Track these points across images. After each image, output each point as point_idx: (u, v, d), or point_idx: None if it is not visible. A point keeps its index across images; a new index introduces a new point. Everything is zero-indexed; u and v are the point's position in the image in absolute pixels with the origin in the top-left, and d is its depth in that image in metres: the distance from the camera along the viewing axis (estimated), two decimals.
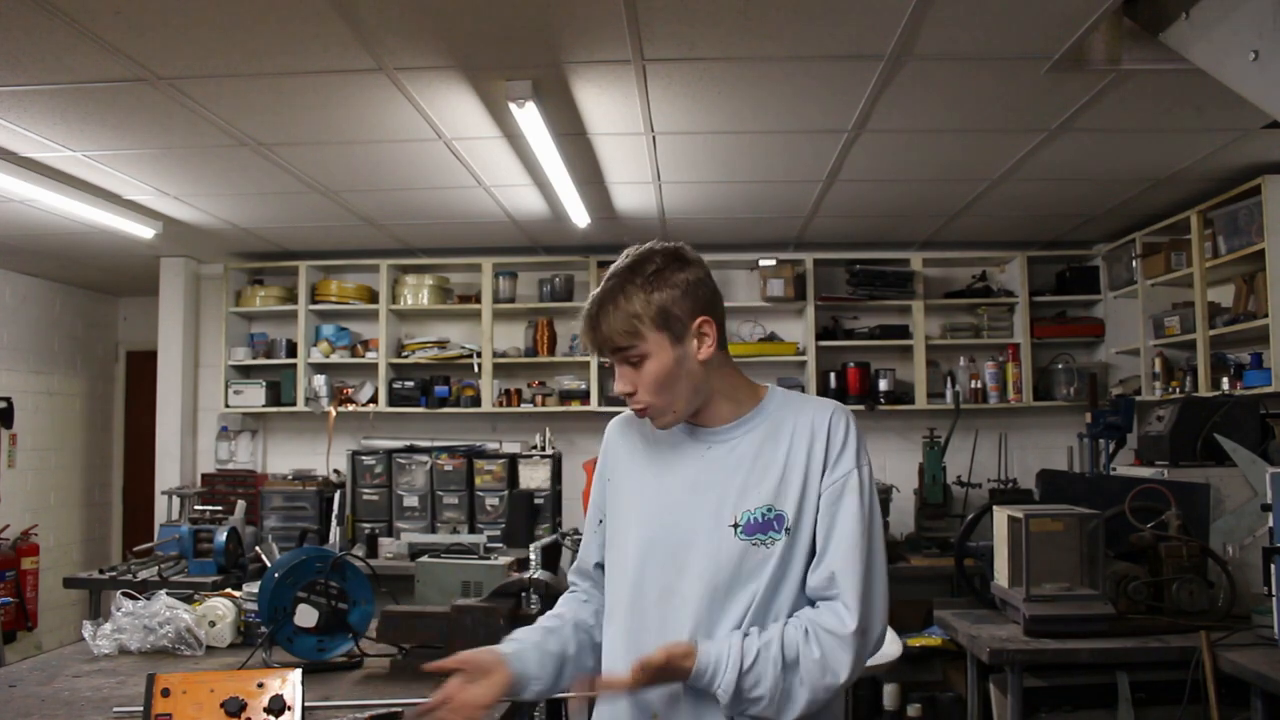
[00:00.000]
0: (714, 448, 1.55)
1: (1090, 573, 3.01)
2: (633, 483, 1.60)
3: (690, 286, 1.50)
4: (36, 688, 2.24)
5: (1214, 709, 2.73)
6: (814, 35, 2.81)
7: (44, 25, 2.64)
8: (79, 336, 6.87)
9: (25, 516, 6.06)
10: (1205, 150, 3.92)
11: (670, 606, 1.49)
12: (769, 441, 1.53)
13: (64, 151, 3.77)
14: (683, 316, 1.49)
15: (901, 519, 5.39)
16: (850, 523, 1.48)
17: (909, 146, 3.88)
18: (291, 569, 2.46)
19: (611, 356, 1.52)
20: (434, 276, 5.87)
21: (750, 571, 1.48)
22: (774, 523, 1.48)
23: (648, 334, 1.48)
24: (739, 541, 1.48)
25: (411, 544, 4.95)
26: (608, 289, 1.51)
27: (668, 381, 1.49)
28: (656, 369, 1.49)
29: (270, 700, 1.67)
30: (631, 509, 1.59)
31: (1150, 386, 4.89)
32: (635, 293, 1.48)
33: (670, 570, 1.51)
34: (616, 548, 1.60)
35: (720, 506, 1.50)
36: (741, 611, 1.47)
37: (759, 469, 1.51)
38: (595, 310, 1.51)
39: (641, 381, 1.50)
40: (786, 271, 5.58)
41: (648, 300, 1.48)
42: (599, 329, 1.50)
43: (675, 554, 1.51)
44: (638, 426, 1.64)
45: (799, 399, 1.61)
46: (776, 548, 1.48)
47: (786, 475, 1.51)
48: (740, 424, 1.56)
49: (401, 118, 3.44)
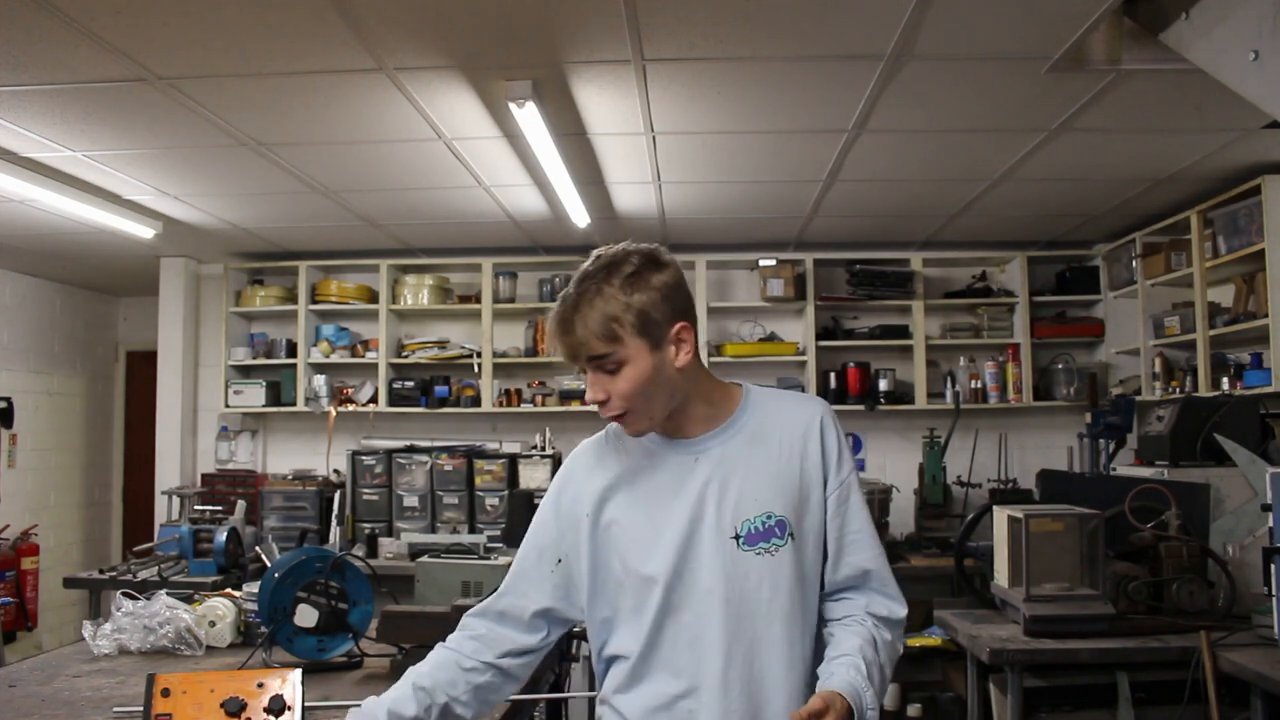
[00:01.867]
0: (700, 459, 1.49)
1: (1090, 573, 3.01)
2: (630, 515, 1.50)
3: (669, 290, 1.43)
4: (36, 688, 2.24)
5: (1214, 709, 2.73)
6: (814, 35, 2.82)
7: (44, 25, 2.64)
8: (79, 336, 6.87)
9: (25, 516, 6.06)
10: (1205, 150, 3.91)
11: (701, 633, 1.44)
12: (755, 445, 1.50)
13: (64, 151, 3.77)
14: (662, 322, 1.42)
15: (901, 519, 5.39)
16: (863, 519, 1.53)
17: (909, 146, 3.88)
18: (291, 569, 2.46)
19: (585, 364, 1.43)
20: (434, 276, 5.87)
21: (766, 583, 1.45)
22: (775, 529, 1.46)
23: (627, 339, 1.40)
24: (743, 553, 1.45)
25: (411, 544, 4.94)
26: (581, 291, 1.41)
27: (645, 390, 1.42)
28: (635, 375, 1.41)
29: (270, 700, 1.67)
30: (635, 543, 1.49)
31: (1150, 386, 4.89)
32: (613, 295, 1.40)
33: (688, 595, 1.45)
34: (625, 588, 1.49)
35: (719, 519, 1.46)
36: (779, 627, 1.45)
37: (751, 475, 1.48)
38: (569, 313, 1.40)
39: (616, 389, 1.42)
40: (786, 271, 5.58)
41: (627, 304, 1.40)
42: (573, 333, 1.40)
43: (690, 578, 1.45)
44: (611, 454, 1.55)
45: (777, 396, 1.58)
46: (784, 554, 1.46)
47: (781, 481, 1.48)
48: (721, 431, 1.51)
49: (401, 118, 3.44)
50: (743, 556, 1.44)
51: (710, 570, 1.44)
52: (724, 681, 1.43)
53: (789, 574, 1.46)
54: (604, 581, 1.51)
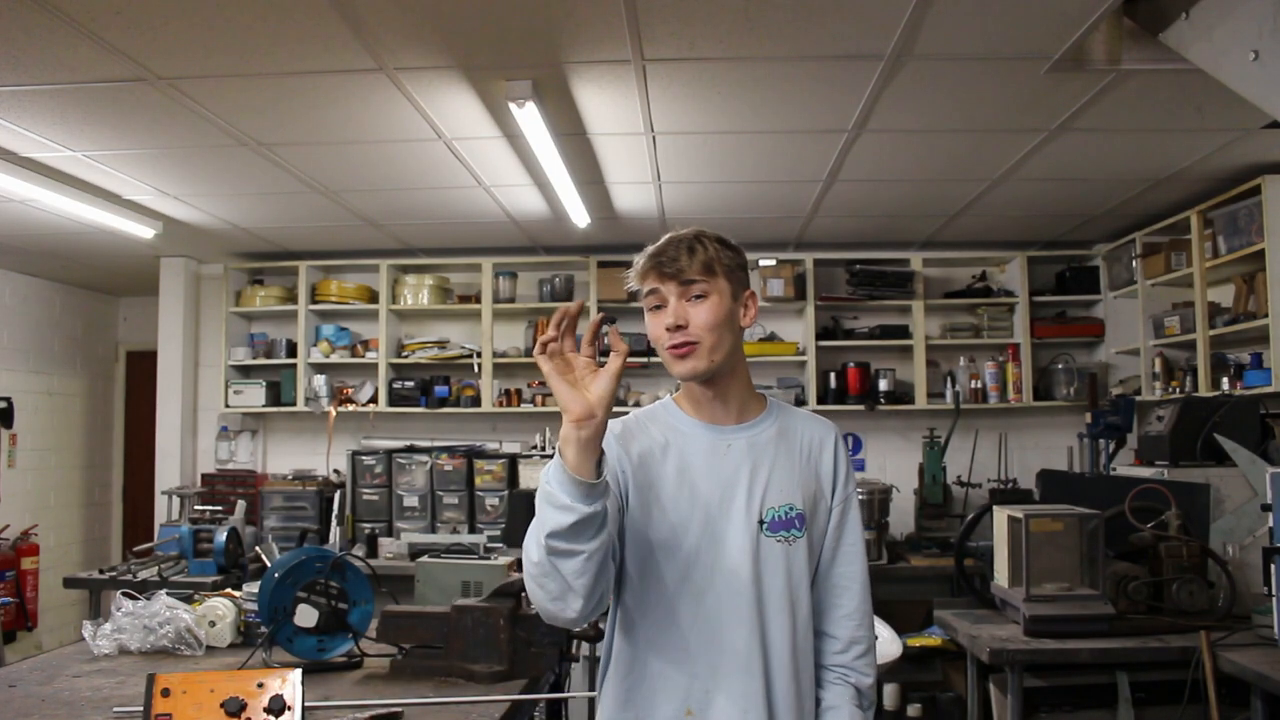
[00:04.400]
0: (733, 444, 1.58)
1: (1090, 573, 3.01)
2: (666, 480, 1.55)
3: (744, 261, 1.61)
4: (36, 688, 2.24)
5: (1214, 709, 2.73)
6: (814, 35, 2.81)
7: (44, 25, 2.64)
8: (79, 336, 6.87)
9: (25, 516, 6.07)
10: (1205, 150, 3.91)
11: (720, 610, 1.51)
12: (782, 441, 1.60)
13: (64, 151, 3.77)
14: (742, 280, 1.59)
15: (901, 519, 5.39)
16: (858, 534, 1.64)
17: (909, 146, 3.88)
18: (291, 569, 2.46)
19: (677, 289, 1.52)
20: (434, 276, 5.88)
21: (782, 569, 1.53)
22: (795, 521, 1.56)
23: (720, 278, 1.54)
24: (767, 539, 1.54)
25: (411, 544, 4.95)
26: (685, 234, 1.56)
27: (719, 327, 1.52)
28: (717, 308, 1.52)
29: (270, 700, 1.67)
30: (673, 504, 1.54)
31: (1150, 386, 4.89)
32: (711, 244, 1.55)
33: (711, 573, 1.52)
34: (653, 549, 1.54)
35: (749, 503, 1.54)
36: (786, 613, 1.53)
37: (779, 467, 1.58)
38: (691, 241, 1.54)
39: (697, 318, 1.51)
40: (786, 271, 5.58)
41: (722, 251, 1.56)
42: (695, 253, 1.53)
43: (715, 556, 1.52)
44: (641, 430, 1.60)
45: (796, 410, 1.70)
46: (799, 545, 1.56)
47: (803, 478, 1.59)
48: (752, 425, 1.61)
49: (401, 118, 3.44)
50: (765, 541, 1.53)
51: (739, 549, 1.52)
52: (745, 664, 1.50)
53: (800, 566, 1.55)
54: (640, 533, 1.54)
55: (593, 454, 1.31)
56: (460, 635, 2.36)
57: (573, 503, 1.30)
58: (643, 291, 1.56)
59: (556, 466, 1.32)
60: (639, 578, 1.55)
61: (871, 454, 5.81)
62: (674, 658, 1.52)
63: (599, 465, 1.33)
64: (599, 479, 1.32)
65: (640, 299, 1.57)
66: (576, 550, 1.33)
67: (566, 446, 1.31)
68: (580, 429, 1.29)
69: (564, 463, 1.31)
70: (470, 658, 2.35)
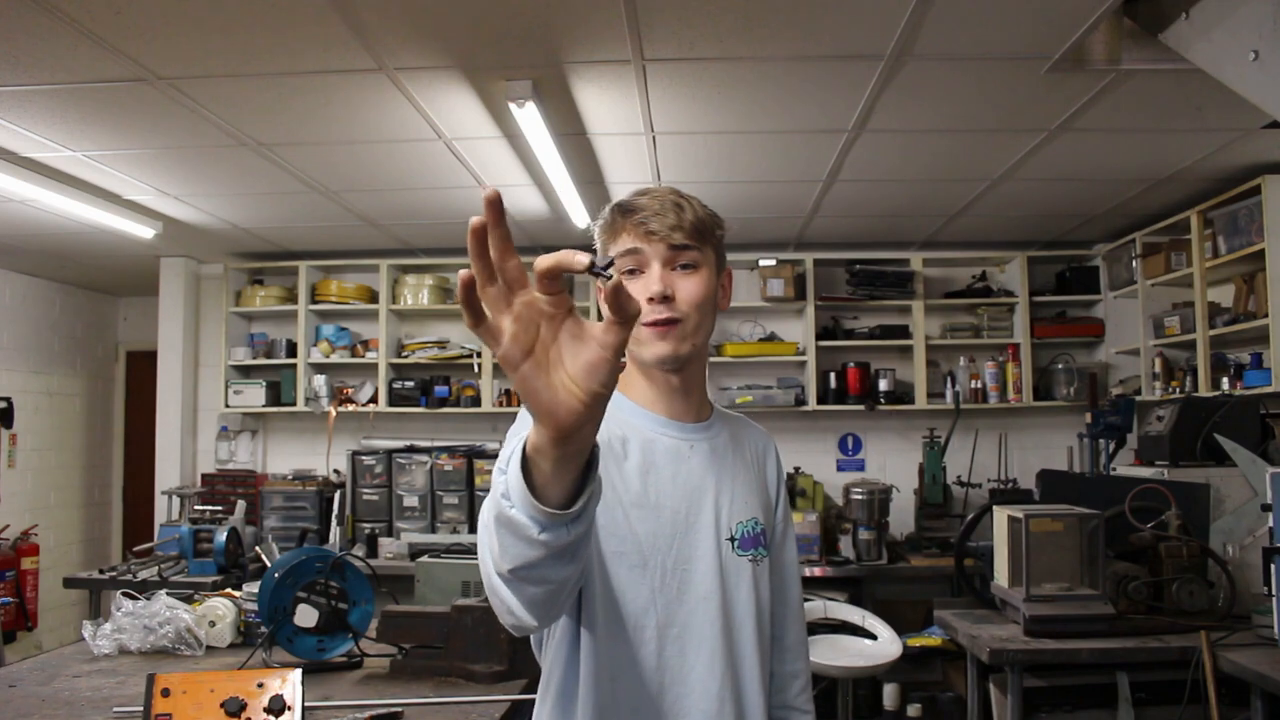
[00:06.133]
0: (696, 446, 1.35)
1: (1090, 573, 3.01)
2: (628, 492, 1.27)
3: (724, 235, 1.39)
4: (36, 688, 2.24)
5: (1214, 709, 2.73)
6: (814, 35, 2.81)
7: (44, 25, 2.64)
8: (79, 336, 6.87)
9: (25, 516, 6.07)
10: (1205, 150, 3.91)
11: (686, 644, 1.27)
12: (735, 448, 1.41)
13: (64, 151, 3.77)
14: (724, 255, 1.39)
15: (901, 519, 5.39)
16: (795, 553, 1.49)
17: (909, 146, 3.88)
18: (291, 569, 2.46)
19: (665, 253, 1.28)
20: (434, 276, 5.88)
21: (751, 593, 1.34)
22: (760, 537, 1.37)
23: (709, 248, 1.32)
24: (738, 558, 1.33)
25: (411, 544, 4.95)
26: (664, 189, 1.32)
27: (705, 305, 1.31)
28: (708, 284, 1.31)
29: (270, 700, 1.67)
30: (635, 507, 1.27)
31: (1150, 386, 4.89)
32: (699, 204, 1.33)
33: (678, 598, 1.27)
34: (615, 569, 1.25)
35: (716, 518, 1.32)
36: (754, 640, 1.33)
37: (738, 479, 1.38)
38: (677, 198, 1.31)
39: (684, 291, 1.29)
40: (786, 271, 5.58)
41: (710, 216, 1.34)
42: (684, 212, 1.29)
43: (683, 579, 1.28)
44: (614, 419, 1.31)
45: (734, 414, 1.50)
46: (764, 565, 1.37)
47: (758, 491, 1.41)
48: (708, 425, 1.39)
49: (401, 118, 3.44)
50: (736, 561, 1.33)
51: (708, 570, 1.29)
52: (718, 703, 1.27)
53: (766, 589, 1.37)
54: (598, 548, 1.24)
55: (576, 467, 0.85)
56: (460, 635, 2.36)
57: (541, 536, 0.86)
58: (611, 251, 1.29)
59: (519, 487, 0.85)
60: (601, 600, 1.23)
61: (871, 454, 5.82)
62: (635, 704, 1.24)
63: (586, 469, 0.87)
64: (582, 501, 0.87)
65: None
66: (548, 580, 0.94)
67: (540, 459, 0.83)
68: (566, 444, 0.80)
69: (531, 485, 0.85)
70: (470, 658, 2.35)
